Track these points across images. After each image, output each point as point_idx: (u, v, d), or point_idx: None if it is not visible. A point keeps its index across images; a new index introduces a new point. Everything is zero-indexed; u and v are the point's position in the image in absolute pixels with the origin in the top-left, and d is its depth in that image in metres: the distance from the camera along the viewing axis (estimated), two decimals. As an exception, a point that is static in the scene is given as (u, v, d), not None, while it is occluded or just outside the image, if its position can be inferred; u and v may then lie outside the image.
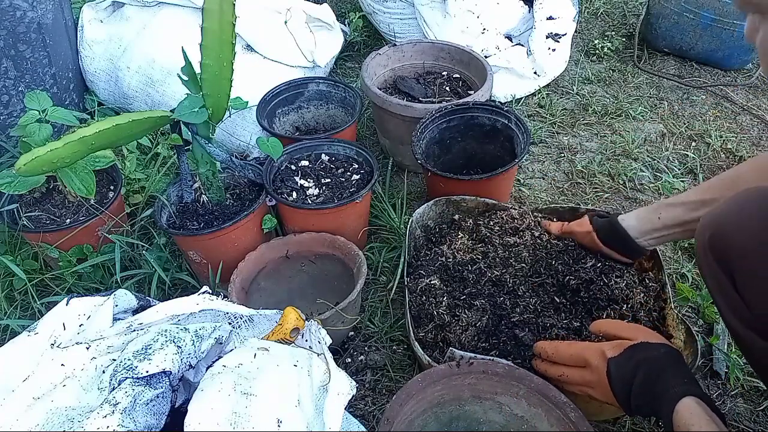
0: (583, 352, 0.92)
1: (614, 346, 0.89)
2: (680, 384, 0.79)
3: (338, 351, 1.27)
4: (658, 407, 0.80)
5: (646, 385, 0.82)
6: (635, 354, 0.86)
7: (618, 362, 0.86)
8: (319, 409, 0.77)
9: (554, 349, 0.99)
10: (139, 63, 1.73)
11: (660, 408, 0.79)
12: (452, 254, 1.26)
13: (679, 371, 0.82)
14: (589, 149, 1.81)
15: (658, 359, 0.84)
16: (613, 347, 0.89)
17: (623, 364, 0.86)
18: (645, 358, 0.84)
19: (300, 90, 1.71)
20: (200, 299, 0.91)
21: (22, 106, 1.56)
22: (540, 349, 1.02)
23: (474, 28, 1.95)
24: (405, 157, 1.66)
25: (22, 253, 1.36)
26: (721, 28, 1.99)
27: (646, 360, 0.84)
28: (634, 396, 0.83)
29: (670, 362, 0.83)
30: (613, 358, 0.87)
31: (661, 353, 0.85)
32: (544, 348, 1.01)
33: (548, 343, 1.02)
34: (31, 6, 1.55)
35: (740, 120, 1.91)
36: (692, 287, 1.36)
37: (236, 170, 1.35)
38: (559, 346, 0.99)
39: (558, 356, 0.97)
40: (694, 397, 0.77)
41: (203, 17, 1.08)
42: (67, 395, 0.75)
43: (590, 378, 0.90)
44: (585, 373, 0.91)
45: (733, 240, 0.77)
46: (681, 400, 0.77)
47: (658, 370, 0.82)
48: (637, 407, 0.83)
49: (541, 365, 1.01)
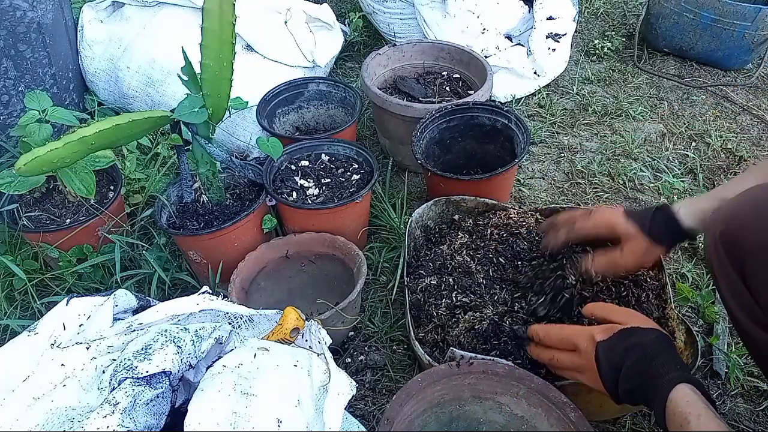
0: (573, 336, 0.91)
1: (604, 329, 0.87)
2: (673, 370, 0.77)
3: (338, 351, 1.27)
4: (649, 393, 0.78)
5: (636, 370, 0.80)
6: (626, 338, 0.84)
7: (607, 346, 0.85)
8: (319, 409, 0.77)
9: (546, 332, 0.98)
10: (139, 63, 1.73)
11: (651, 394, 0.78)
12: (452, 254, 1.26)
13: (672, 357, 0.80)
14: (589, 149, 1.81)
15: (650, 344, 0.82)
16: (603, 331, 0.87)
17: (613, 348, 0.84)
18: (636, 343, 0.83)
19: (300, 90, 1.71)
20: (200, 299, 0.91)
21: (22, 106, 1.56)
22: (533, 332, 1.00)
23: (474, 28, 1.95)
24: (405, 157, 1.66)
25: (22, 253, 1.36)
26: (721, 28, 1.99)
27: (637, 345, 0.82)
28: (623, 381, 0.81)
29: (662, 347, 0.81)
30: (602, 342, 0.85)
31: (653, 338, 0.83)
32: (537, 331, 0.99)
33: (540, 326, 1.01)
34: (31, 6, 1.55)
35: (740, 120, 1.91)
36: (692, 287, 1.36)
37: (236, 170, 1.35)
38: (551, 330, 0.97)
39: (549, 339, 0.96)
40: (689, 383, 0.76)
41: (203, 17, 1.08)
42: (67, 395, 0.75)
43: (579, 362, 0.89)
44: (574, 357, 0.90)
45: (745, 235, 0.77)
46: (676, 387, 0.75)
47: (650, 356, 0.80)
48: (626, 392, 0.81)
49: (534, 349, 1.00)
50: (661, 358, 0.80)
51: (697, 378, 0.78)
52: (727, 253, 0.79)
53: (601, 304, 1.03)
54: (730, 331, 1.28)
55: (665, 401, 0.75)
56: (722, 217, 0.81)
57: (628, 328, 0.86)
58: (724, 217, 0.81)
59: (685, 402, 0.74)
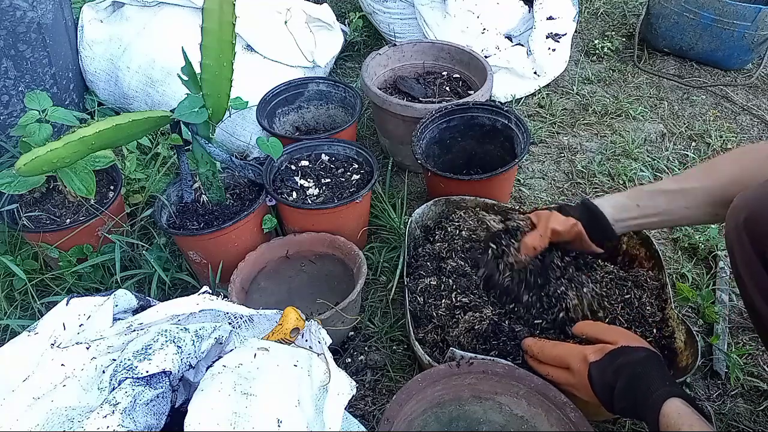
0: (566, 356, 0.94)
1: (596, 350, 0.91)
2: (662, 386, 0.80)
3: (338, 351, 1.27)
4: (642, 411, 0.81)
5: (628, 390, 0.83)
6: (616, 358, 0.87)
7: (599, 366, 0.88)
8: (319, 409, 0.77)
9: (540, 349, 1.00)
10: (139, 63, 1.73)
11: (644, 412, 0.80)
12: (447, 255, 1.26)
13: (661, 374, 0.83)
14: (589, 149, 1.81)
15: (639, 363, 0.85)
16: (594, 351, 0.91)
17: (605, 368, 0.87)
18: (626, 363, 0.86)
19: (300, 90, 1.71)
20: (200, 299, 0.91)
21: (22, 106, 1.56)
22: (527, 347, 1.03)
23: (474, 28, 1.95)
24: (405, 157, 1.66)
25: (22, 253, 1.36)
26: (721, 28, 1.99)
27: (627, 364, 0.85)
28: (617, 399, 0.84)
29: (651, 366, 0.84)
30: (594, 363, 0.89)
31: (642, 357, 0.86)
32: (530, 347, 1.01)
33: (534, 341, 1.02)
34: (31, 6, 1.55)
35: (740, 120, 1.91)
36: (692, 287, 1.36)
37: (236, 170, 1.35)
38: (545, 346, 1.00)
39: (543, 356, 0.99)
40: (679, 398, 0.78)
41: (203, 17, 1.08)
42: (67, 395, 0.75)
43: (573, 381, 0.92)
44: (568, 376, 0.93)
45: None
46: (666, 402, 0.78)
47: (640, 374, 0.83)
48: (621, 410, 0.85)
49: (531, 362, 1.02)
50: (651, 375, 0.82)
51: (687, 393, 0.81)
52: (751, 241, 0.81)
53: (591, 323, 1.05)
54: (730, 331, 1.28)
55: (658, 416, 0.78)
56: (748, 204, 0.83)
57: (618, 348, 0.89)
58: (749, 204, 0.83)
59: (677, 414, 0.76)
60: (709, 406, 1.14)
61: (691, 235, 1.48)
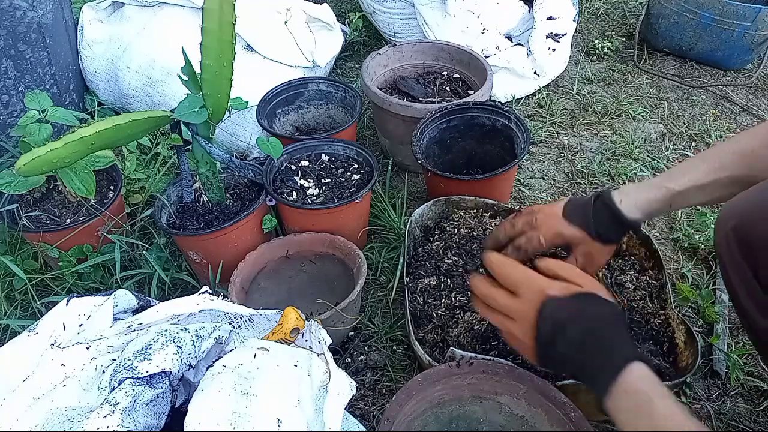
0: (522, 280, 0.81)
1: (562, 287, 0.78)
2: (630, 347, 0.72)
3: (338, 351, 1.27)
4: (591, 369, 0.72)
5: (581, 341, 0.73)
6: (581, 302, 0.76)
7: (559, 302, 0.76)
8: (319, 409, 0.77)
9: (500, 263, 0.85)
10: (139, 63, 1.73)
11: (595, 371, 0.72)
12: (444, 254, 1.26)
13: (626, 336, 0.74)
14: (589, 149, 1.81)
15: (607, 316, 0.75)
16: (560, 288, 0.78)
17: (562, 307, 0.76)
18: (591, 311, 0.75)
19: (300, 90, 1.71)
20: (200, 299, 0.91)
21: (22, 106, 1.56)
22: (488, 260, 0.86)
23: (474, 28, 1.95)
24: (405, 157, 1.66)
25: (22, 253, 1.36)
26: (721, 28, 1.99)
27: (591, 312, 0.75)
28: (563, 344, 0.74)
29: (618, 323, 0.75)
30: (554, 297, 0.76)
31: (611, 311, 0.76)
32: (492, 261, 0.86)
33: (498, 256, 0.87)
34: (31, 6, 1.55)
35: (740, 120, 1.91)
36: (692, 287, 1.36)
37: (236, 170, 1.35)
38: (506, 263, 0.85)
39: (498, 272, 0.84)
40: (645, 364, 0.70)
41: (203, 17, 1.08)
42: (67, 395, 0.75)
43: (516, 307, 0.79)
44: (513, 302, 0.80)
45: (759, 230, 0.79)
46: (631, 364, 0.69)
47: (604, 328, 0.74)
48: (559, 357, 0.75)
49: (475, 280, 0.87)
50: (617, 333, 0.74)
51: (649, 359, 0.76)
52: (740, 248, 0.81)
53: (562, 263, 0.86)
54: (730, 331, 1.28)
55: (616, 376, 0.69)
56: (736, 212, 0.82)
57: (589, 292, 0.77)
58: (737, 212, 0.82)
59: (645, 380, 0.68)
60: (709, 406, 1.15)
61: (691, 235, 1.48)
